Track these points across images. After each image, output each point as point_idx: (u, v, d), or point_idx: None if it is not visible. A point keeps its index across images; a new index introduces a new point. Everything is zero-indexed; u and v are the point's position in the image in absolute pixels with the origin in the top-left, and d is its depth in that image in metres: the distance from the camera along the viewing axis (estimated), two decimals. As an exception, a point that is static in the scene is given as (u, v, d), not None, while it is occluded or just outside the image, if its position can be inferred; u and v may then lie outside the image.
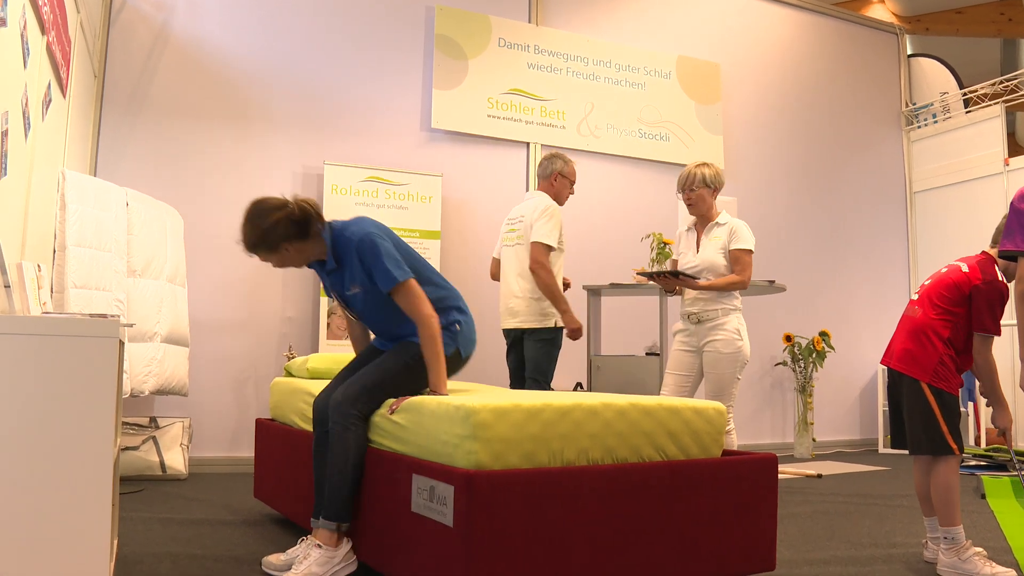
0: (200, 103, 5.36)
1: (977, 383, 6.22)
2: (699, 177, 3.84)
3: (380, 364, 2.79)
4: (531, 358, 4.27)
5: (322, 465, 2.83)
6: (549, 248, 4.21)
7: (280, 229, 2.65)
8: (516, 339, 4.40)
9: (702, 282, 3.77)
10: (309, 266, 2.89)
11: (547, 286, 4.18)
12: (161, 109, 5.25)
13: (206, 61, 5.40)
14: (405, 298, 2.71)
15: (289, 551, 2.81)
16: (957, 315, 2.98)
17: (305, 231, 2.70)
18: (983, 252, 3.10)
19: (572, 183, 4.52)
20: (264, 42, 5.56)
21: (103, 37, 5.09)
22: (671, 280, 3.85)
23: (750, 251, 3.79)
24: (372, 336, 3.12)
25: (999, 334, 3.00)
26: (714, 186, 3.86)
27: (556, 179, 4.44)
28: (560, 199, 4.45)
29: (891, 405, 3.19)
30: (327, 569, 2.59)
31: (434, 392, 2.69)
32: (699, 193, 3.85)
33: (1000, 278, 2.99)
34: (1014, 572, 2.82)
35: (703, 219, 3.91)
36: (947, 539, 2.90)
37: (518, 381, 4.44)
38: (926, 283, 3.14)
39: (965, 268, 3.03)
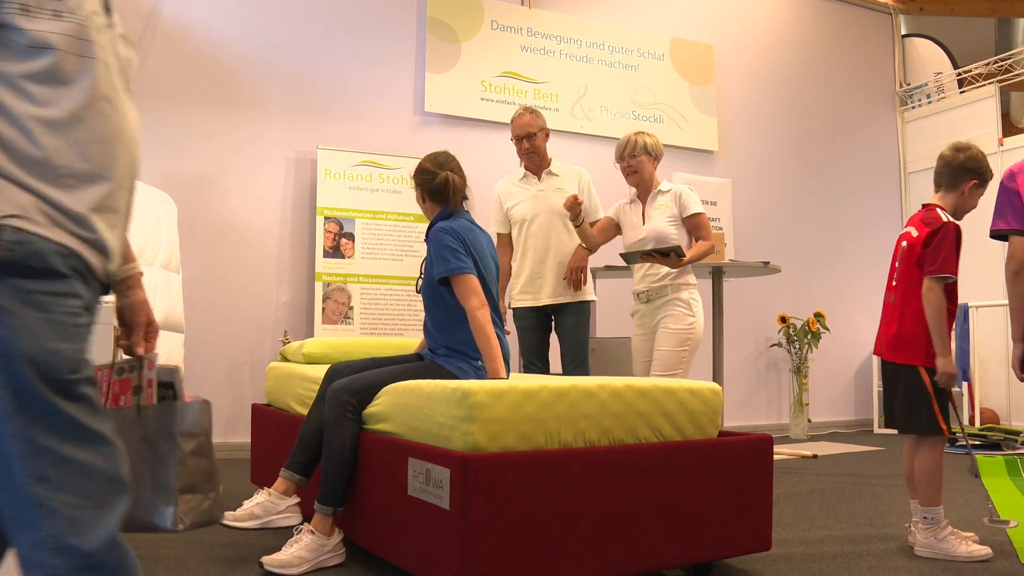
0: (192, 89, 5.33)
1: (972, 362, 6.25)
2: (640, 144, 3.72)
3: (398, 370, 2.82)
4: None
5: (313, 422, 2.89)
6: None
7: (421, 175, 3.02)
8: None
9: (687, 256, 3.57)
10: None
11: None
12: (152, 95, 5.21)
13: (197, 46, 5.37)
14: (457, 288, 2.79)
15: (246, 503, 2.86)
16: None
17: (433, 195, 3.00)
18: (923, 206, 3.10)
19: (513, 137, 4.35)
20: (256, 27, 5.52)
21: (93, 22, 5.04)
22: (660, 259, 3.60)
23: (703, 213, 3.70)
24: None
25: (946, 272, 2.88)
26: (655, 154, 3.76)
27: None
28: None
29: (886, 389, 3.17)
30: (316, 555, 2.61)
31: (492, 376, 2.71)
32: (640, 160, 3.72)
33: (945, 219, 2.95)
34: (989, 550, 2.83)
35: (644, 189, 3.78)
36: (926, 519, 2.91)
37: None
38: (896, 264, 3.11)
39: (915, 232, 3.02)
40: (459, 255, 2.78)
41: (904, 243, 3.07)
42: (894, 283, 3.10)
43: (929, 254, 2.92)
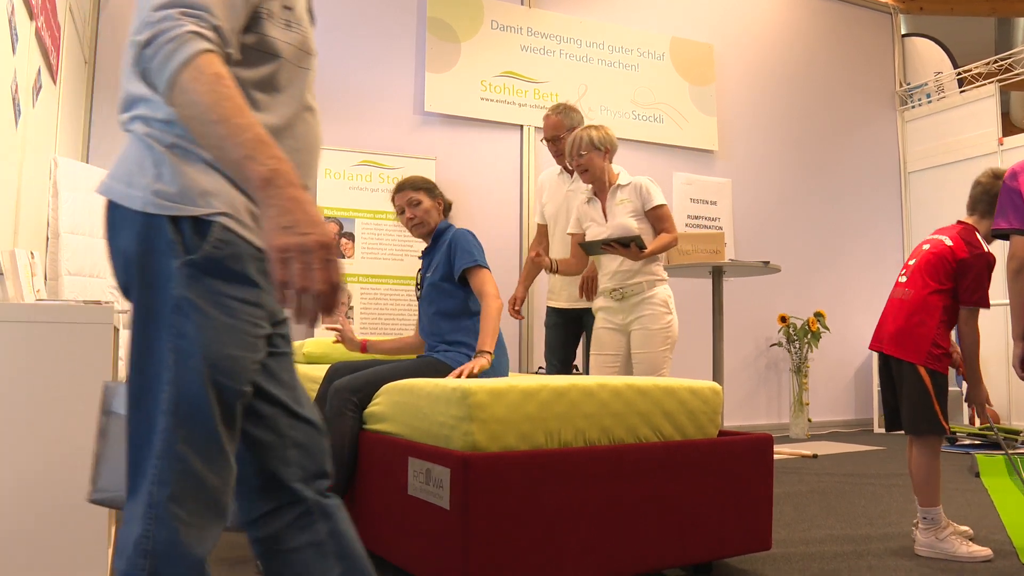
0: (192, 88, 5.32)
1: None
2: (585, 140, 3.57)
3: (398, 367, 2.87)
4: None
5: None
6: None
7: (439, 189, 3.26)
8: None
9: (648, 249, 3.46)
10: (422, 253, 3.28)
11: None
12: (152, 95, 5.21)
13: (197, 46, 5.36)
14: (477, 280, 3.01)
15: None
16: (949, 290, 2.97)
17: (447, 208, 3.30)
18: (960, 222, 3.09)
19: (543, 138, 4.29)
20: (255, 26, 5.52)
21: (93, 23, 5.04)
22: (620, 249, 3.48)
23: (666, 205, 3.58)
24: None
25: (988, 307, 2.98)
26: (603, 148, 3.59)
27: None
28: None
29: (883, 388, 3.16)
30: None
31: (479, 349, 2.85)
32: (588, 157, 3.56)
33: (986, 248, 2.99)
34: (990, 551, 2.83)
35: (600, 185, 3.64)
36: (926, 519, 2.91)
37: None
38: (911, 263, 3.11)
39: (949, 241, 3.01)
40: (483, 254, 3.08)
41: (927, 246, 3.08)
42: (903, 279, 3.10)
43: (972, 283, 2.95)
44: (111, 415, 1.67)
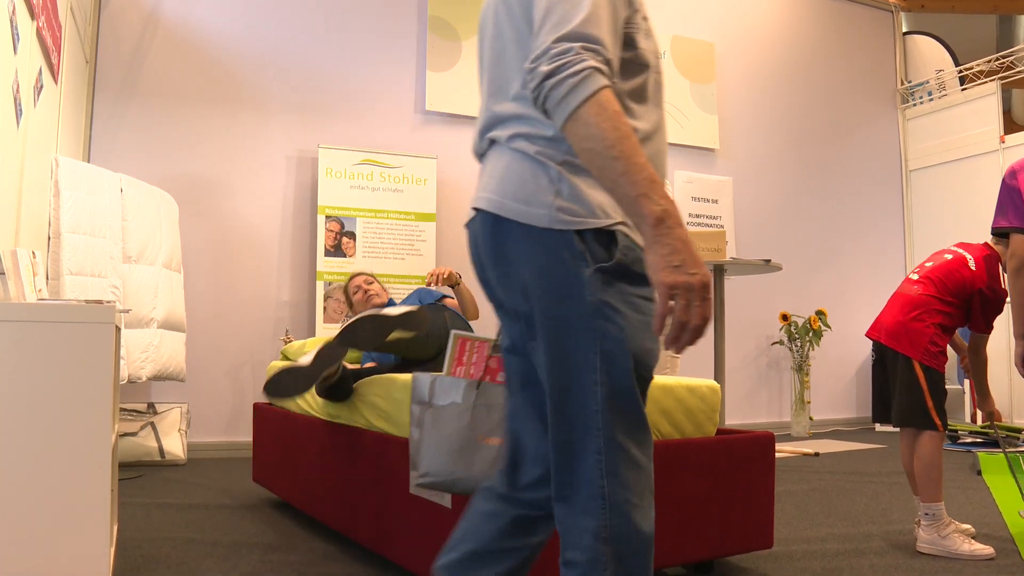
0: (193, 87, 5.33)
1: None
2: None
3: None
4: None
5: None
6: None
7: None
8: None
9: None
10: None
11: None
12: (154, 94, 5.22)
13: (198, 45, 5.37)
14: (461, 293, 3.53)
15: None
16: (956, 305, 3.01)
17: None
18: (987, 246, 3.10)
19: None
20: (256, 25, 5.52)
21: (94, 22, 5.05)
22: None
23: None
24: None
25: (991, 332, 3.12)
26: None
27: None
28: None
29: (876, 379, 3.18)
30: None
31: None
32: None
33: (1003, 285, 3.01)
34: (992, 550, 2.83)
35: None
36: (928, 515, 2.91)
37: None
38: (927, 264, 3.13)
39: (973, 265, 3.03)
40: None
41: (949, 256, 3.10)
42: (915, 276, 3.12)
43: (987, 311, 3.02)
44: (427, 406, 1.83)
